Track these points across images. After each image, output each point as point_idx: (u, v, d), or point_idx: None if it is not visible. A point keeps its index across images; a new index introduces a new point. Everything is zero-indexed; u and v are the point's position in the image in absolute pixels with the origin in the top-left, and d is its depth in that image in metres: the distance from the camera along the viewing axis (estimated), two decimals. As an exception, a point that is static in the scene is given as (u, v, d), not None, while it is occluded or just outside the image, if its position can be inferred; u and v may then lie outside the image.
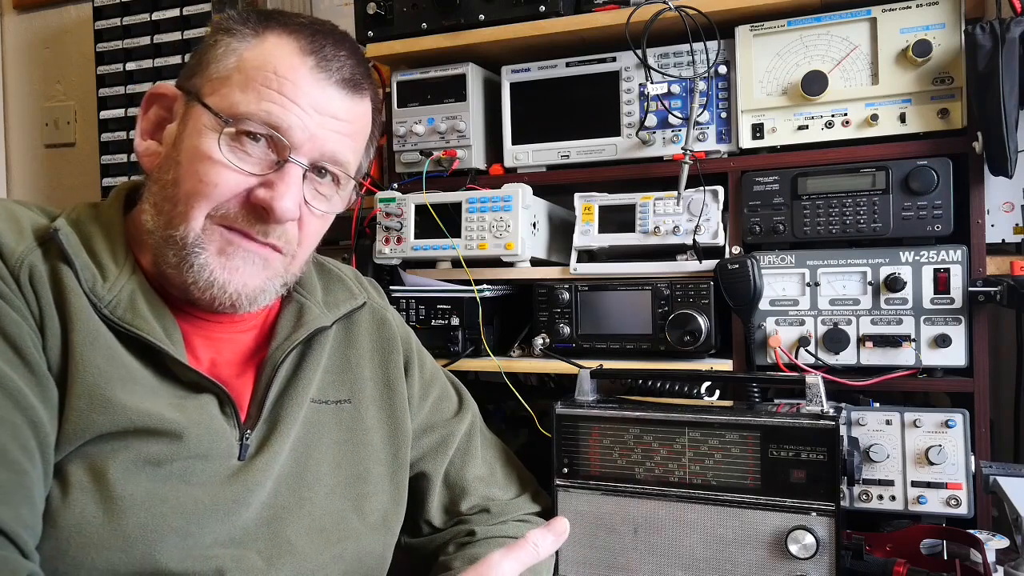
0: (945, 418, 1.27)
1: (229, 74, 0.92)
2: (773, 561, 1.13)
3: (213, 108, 0.91)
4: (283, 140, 0.92)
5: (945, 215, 1.31)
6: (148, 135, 0.99)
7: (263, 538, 0.94)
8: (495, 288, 1.60)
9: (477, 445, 1.23)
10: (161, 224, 0.93)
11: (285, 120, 0.91)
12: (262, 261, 0.95)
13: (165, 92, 0.98)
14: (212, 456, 0.92)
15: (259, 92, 0.91)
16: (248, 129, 0.91)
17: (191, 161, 0.91)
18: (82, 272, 0.89)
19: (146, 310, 0.91)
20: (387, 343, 1.16)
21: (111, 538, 0.83)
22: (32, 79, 2.65)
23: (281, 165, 0.92)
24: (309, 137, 0.93)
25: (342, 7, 2.19)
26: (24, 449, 0.80)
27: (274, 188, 0.92)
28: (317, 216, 0.99)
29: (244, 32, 0.95)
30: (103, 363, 0.87)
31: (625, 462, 1.22)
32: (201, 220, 0.91)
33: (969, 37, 1.23)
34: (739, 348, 1.43)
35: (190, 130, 0.93)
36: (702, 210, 1.45)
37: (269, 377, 0.99)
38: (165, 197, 0.93)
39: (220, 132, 0.90)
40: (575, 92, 1.59)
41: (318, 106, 0.94)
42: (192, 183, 0.91)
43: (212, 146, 0.90)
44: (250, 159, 0.92)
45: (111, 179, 2.36)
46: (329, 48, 0.95)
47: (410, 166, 1.69)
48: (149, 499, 0.86)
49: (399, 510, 1.12)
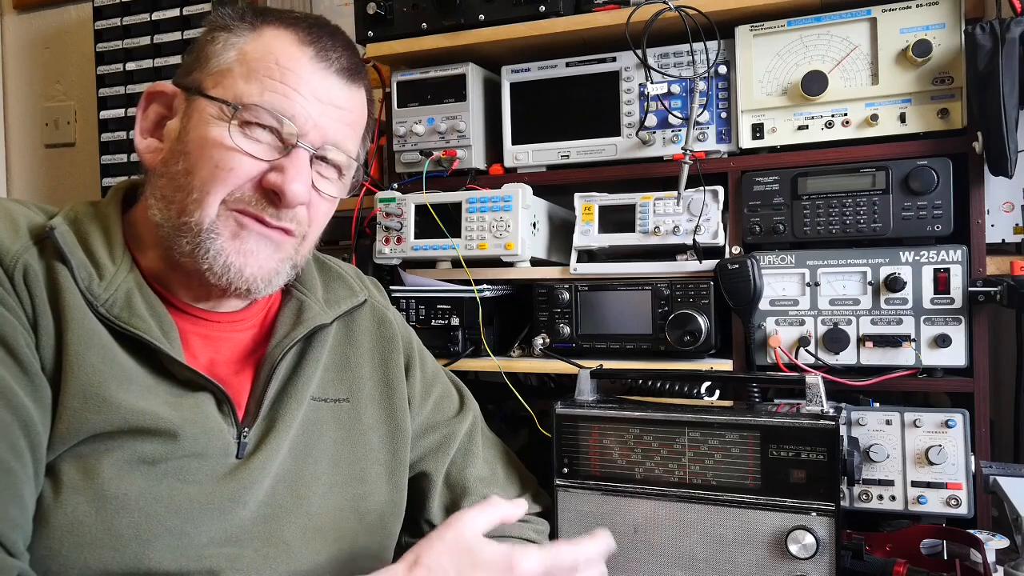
0: (945, 418, 1.27)
1: (231, 66, 0.94)
2: (773, 561, 1.13)
3: (219, 98, 0.93)
4: (291, 126, 0.94)
5: (945, 215, 1.31)
6: (148, 133, 1.00)
7: (259, 537, 0.94)
8: (495, 288, 1.60)
9: (478, 445, 1.23)
10: (173, 213, 0.94)
11: (290, 107, 0.94)
12: (274, 244, 0.97)
13: (163, 90, 0.99)
14: (208, 454, 0.92)
15: (262, 82, 0.93)
16: (256, 119, 0.93)
17: (202, 149, 0.92)
18: (78, 270, 0.89)
19: (143, 308, 0.92)
20: (387, 342, 1.16)
21: (104, 537, 0.83)
22: (32, 79, 2.65)
23: (290, 150, 0.94)
24: (313, 124, 0.95)
25: (342, 7, 2.20)
26: (13, 448, 0.80)
27: (285, 172, 0.93)
28: (326, 200, 1.01)
29: (241, 27, 0.96)
30: (98, 362, 0.87)
31: (625, 462, 1.22)
32: (216, 206, 0.93)
33: (969, 37, 1.23)
34: (739, 348, 1.43)
35: (195, 122, 0.94)
36: (702, 210, 1.45)
37: (268, 374, 0.99)
38: (177, 187, 0.94)
39: (230, 120, 0.92)
40: (575, 92, 1.59)
41: (319, 94, 0.96)
42: (208, 169, 0.92)
43: (223, 134, 0.92)
44: (260, 145, 0.93)
45: (111, 179, 2.36)
46: (326, 39, 0.98)
47: (410, 166, 1.69)
48: (143, 498, 0.86)
49: (398, 510, 1.12)
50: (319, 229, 1.04)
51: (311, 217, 1.00)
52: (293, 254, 1.00)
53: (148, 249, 0.97)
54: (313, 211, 1.00)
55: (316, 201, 0.99)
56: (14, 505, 0.79)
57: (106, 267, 0.92)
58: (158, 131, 0.99)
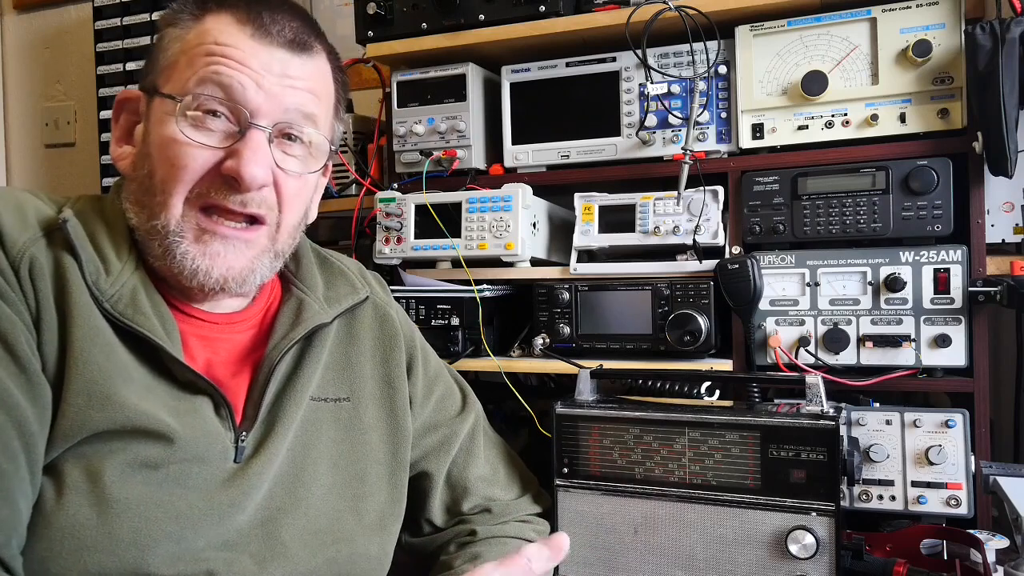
0: (945, 418, 1.27)
1: (176, 59, 0.94)
2: (773, 561, 1.13)
3: (167, 94, 0.93)
4: (241, 109, 0.92)
5: (945, 215, 1.31)
6: (123, 141, 1.00)
7: (256, 540, 0.93)
8: (495, 288, 1.60)
9: (480, 445, 1.23)
10: (144, 218, 0.94)
11: (234, 88, 0.91)
12: (243, 244, 0.95)
13: (130, 96, 0.99)
14: (206, 459, 0.91)
15: (204, 62, 0.92)
16: (202, 106, 0.91)
17: (159, 149, 0.93)
18: (87, 265, 0.89)
19: (147, 306, 0.91)
20: (389, 340, 1.15)
21: (103, 541, 0.83)
22: (32, 79, 2.65)
23: (243, 133, 0.93)
24: (265, 98, 0.93)
25: (342, 7, 2.20)
26: (5, 450, 0.79)
27: (240, 156, 0.91)
28: (293, 177, 0.98)
29: (184, 19, 0.96)
30: (102, 359, 0.86)
31: (625, 462, 1.22)
32: (180, 206, 0.92)
33: (969, 37, 1.23)
34: (739, 348, 1.43)
35: (153, 122, 0.94)
36: (702, 210, 1.45)
37: (266, 377, 0.98)
38: (144, 191, 0.94)
39: (176, 113, 0.91)
40: (575, 92, 1.59)
41: (268, 67, 0.94)
42: (164, 169, 0.92)
43: (174, 129, 0.91)
44: (213, 134, 0.92)
45: (111, 179, 2.36)
46: (266, 15, 0.95)
47: (410, 166, 1.69)
48: (143, 503, 0.86)
49: (397, 510, 1.11)
50: (294, 211, 1.00)
51: (281, 198, 0.97)
52: (269, 246, 0.98)
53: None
54: (282, 192, 0.97)
55: (282, 180, 0.96)
56: (5, 507, 0.79)
57: (113, 263, 0.92)
58: (131, 138, 0.99)
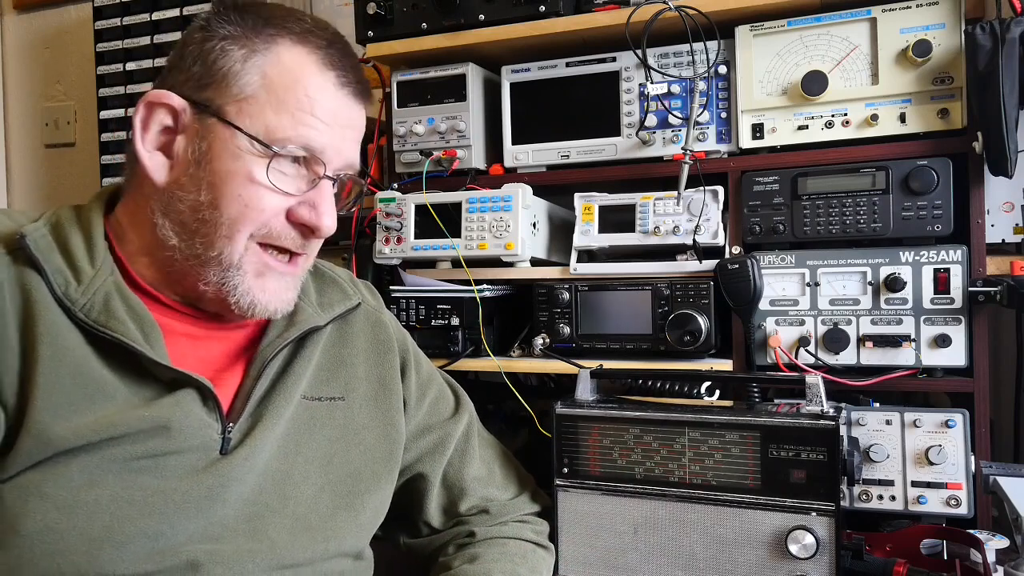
0: (945, 418, 1.27)
1: (255, 93, 0.92)
2: (773, 561, 1.13)
3: (249, 132, 0.91)
4: (320, 159, 0.95)
5: (945, 215, 1.31)
6: (156, 148, 0.95)
7: (243, 534, 0.93)
8: (495, 288, 1.60)
9: (475, 445, 1.23)
10: (198, 245, 0.93)
11: (321, 142, 0.94)
12: (292, 278, 1.01)
13: (166, 102, 0.93)
14: (189, 450, 0.91)
15: (294, 115, 0.92)
16: (292, 154, 0.93)
17: (228, 184, 0.92)
18: (53, 276, 0.88)
19: (122, 311, 0.90)
20: (383, 344, 1.16)
21: (77, 543, 0.83)
22: (32, 79, 2.65)
23: (316, 183, 0.95)
24: (336, 151, 0.96)
25: (342, 7, 2.19)
26: None
27: (317, 208, 0.96)
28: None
29: (252, 40, 0.93)
30: (70, 378, 0.86)
31: (625, 462, 1.22)
32: (244, 242, 0.94)
33: (969, 37, 1.23)
34: (739, 348, 1.43)
35: (218, 151, 0.92)
36: (702, 210, 1.45)
37: (258, 372, 0.99)
38: (200, 220, 0.93)
39: (268, 159, 0.92)
40: (575, 92, 1.59)
41: (340, 119, 0.97)
42: (237, 207, 0.92)
43: (257, 173, 0.92)
44: (289, 180, 0.94)
45: (111, 179, 2.36)
46: (344, 59, 0.98)
47: (410, 166, 1.69)
48: (114, 502, 0.85)
49: (385, 509, 1.12)
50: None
51: None
52: (303, 272, 1.04)
53: (138, 253, 0.97)
54: None
55: None
56: None
57: (84, 271, 0.91)
58: (166, 147, 0.95)
